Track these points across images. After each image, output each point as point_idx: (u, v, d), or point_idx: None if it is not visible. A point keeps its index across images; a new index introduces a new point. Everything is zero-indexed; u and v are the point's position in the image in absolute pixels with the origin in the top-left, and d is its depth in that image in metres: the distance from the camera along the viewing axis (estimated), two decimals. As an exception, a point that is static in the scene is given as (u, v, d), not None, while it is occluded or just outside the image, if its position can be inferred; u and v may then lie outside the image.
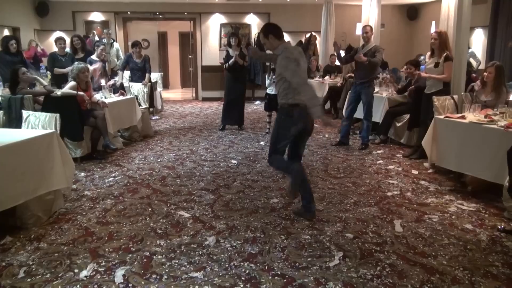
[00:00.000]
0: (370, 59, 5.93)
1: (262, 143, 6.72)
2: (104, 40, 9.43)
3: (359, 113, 7.26)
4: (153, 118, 8.91)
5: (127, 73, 8.58)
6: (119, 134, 6.80)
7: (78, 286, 2.67)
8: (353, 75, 6.96)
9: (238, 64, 7.41)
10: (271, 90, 6.91)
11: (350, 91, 6.61)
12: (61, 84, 6.24)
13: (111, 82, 7.46)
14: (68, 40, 8.03)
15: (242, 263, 2.96)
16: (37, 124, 4.15)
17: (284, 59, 3.57)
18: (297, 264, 2.95)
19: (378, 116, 6.74)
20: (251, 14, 12.20)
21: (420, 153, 5.54)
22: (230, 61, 7.46)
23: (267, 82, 7.04)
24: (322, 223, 3.64)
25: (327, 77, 9.46)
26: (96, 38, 9.80)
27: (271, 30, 3.72)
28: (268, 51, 4.05)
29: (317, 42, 11.53)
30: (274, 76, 6.40)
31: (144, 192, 4.43)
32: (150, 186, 4.64)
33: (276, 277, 2.78)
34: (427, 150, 4.91)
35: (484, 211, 3.93)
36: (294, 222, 3.66)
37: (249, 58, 11.28)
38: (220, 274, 2.82)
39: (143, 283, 2.71)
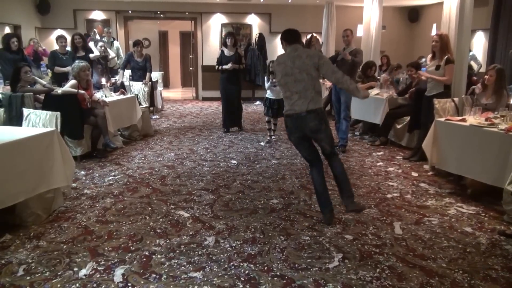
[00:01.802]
0: (354, 58, 5.98)
1: (262, 143, 6.71)
2: (105, 39, 9.42)
3: (359, 115, 7.29)
4: (153, 117, 8.91)
5: (127, 72, 8.58)
6: (119, 133, 6.80)
7: (77, 284, 2.67)
8: None
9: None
10: (271, 95, 6.61)
11: (332, 94, 6.60)
12: (62, 83, 6.24)
13: (112, 81, 7.46)
14: (69, 39, 8.02)
15: (241, 264, 2.96)
16: (38, 122, 4.15)
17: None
18: (296, 265, 2.95)
19: (378, 118, 6.74)
20: (252, 14, 12.20)
21: (420, 155, 5.54)
22: (225, 66, 7.23)
23: (267, 85, 6.68)
24: (321, 225, 3.64)
25: (327, 78, 9.44)
26: (97, 37, 9.79)
27: (282, 37, 3.81)
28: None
29: (318, 43, 11.53)
30: (274, 80, 6.23)
31: (144, 191, 4.43)
32: (149, 185, 4.64)
33: (275, 278, 2.78)
34: (427, 153, 4.91)
35: (484, 214, 3.93)
36: (293, 223, 3.66)
37: (249, 58, 11.33)
38: (220, 274, 2.82)
39: (142, 282, 2.71)
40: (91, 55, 7.44)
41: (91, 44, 8.12)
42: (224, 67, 7.25)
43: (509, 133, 3.86)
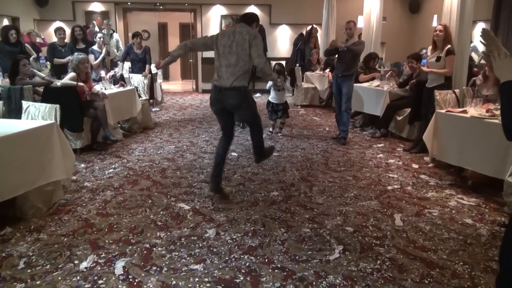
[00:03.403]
0: (350, 46, 5.94)
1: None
2: (104, 31, 9.37)
3: (359, 106, 7.28)
4: (153, 109, 8.89)
5: (127, 64, 8.53)
6: (119, 125, 6.79)
7: (78, 277, 2.67)
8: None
9: None
10: (274, 99, 6.55)
11: (332, 85, 6.60)
12: (61, 75, 6.21)
13: (111, 73, 7.42)
14: (68, 31, 7.97)
15: (242, 256, 2.96)
16: (37, 115, 4.14)
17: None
18: (297, 257, 2.95)
19: (379, 109, 6.73)
20: (252, 5, 12.11)
21: (421, 147, 5.53)
22: None
23: (268, 85, 6.54)
24: (322, 217, 3.64)
25: (327, 70, 9.43)
26: (96, 29, 9.74)
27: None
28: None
29: (318, 34, 11.48)
30: (279, 83, 6.11)
31: (144, 184, 4.43)
32: (150, 178, 4.64)
33: (276, 270, 2.78)
34: (428, 144, 4.90)
35: (484, 206, 3.93)
36: (294, 215, 3.66)
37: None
38: (220, 267, 2.82)
39: (143, 275, 2.72)
40: (93, 63, 7.31)
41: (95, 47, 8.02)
42: None
43: (510, 125, 3.84)
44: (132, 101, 6.74)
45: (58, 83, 5.67)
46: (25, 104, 4.28)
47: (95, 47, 7.54)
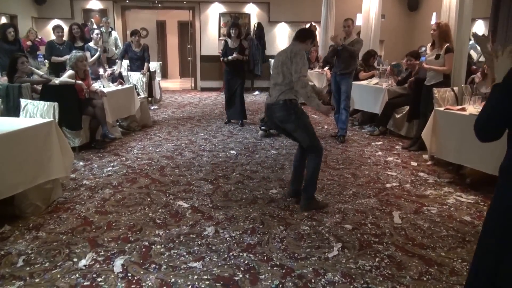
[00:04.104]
0: (346, 45, 5.96)
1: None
2: (103, 29, 9.35)
3: (358, 104, 7.28)
4: (152, 107, 8.88)
5: (125, 62, 8.52)
6: (118, 123, 6.78)
7: (77, 275, 2.67)
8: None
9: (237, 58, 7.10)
10: None
11: (331, 83, 6.60)
12: (59, 73, 6.20)
13: (110, 71, 7.41)
14: (66, 29, 7.95)
15: (241, 254, 2.96)
16: (35, 113, 4.13)
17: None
18: (296, 254, 2.96)
19: (377, 107, 6.73)
20: (251, 3, 12.09)
21: (420, 145, 5.54)
22: (230, 57, 7.06)
23: None
24: (321, 214, 3.64)
25: (326, 68, 9.42)
26: (95, 27, 9.71)
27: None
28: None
29: (317, 32, 11.45)
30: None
31: (143, 182, 4.42)
32: (148, 176, 4.63)
33: (275, 268, 2.79)
34: (426, 142, 4.91)
35: (483, 203, 3.94)
36: (293, 213, 3.66)
37: (249, 49, 11.25)
38: (219, 264, 2.82)
39: (142, 272, 2.72)
40: (90, 60, 7.25)
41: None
42: (229, 58, 7.11)
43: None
44: (131, 99, 6.73)
45: (57, 81, 5.66)
46: (23, 102, 4.27)
47: (91, 44, 7.51)
